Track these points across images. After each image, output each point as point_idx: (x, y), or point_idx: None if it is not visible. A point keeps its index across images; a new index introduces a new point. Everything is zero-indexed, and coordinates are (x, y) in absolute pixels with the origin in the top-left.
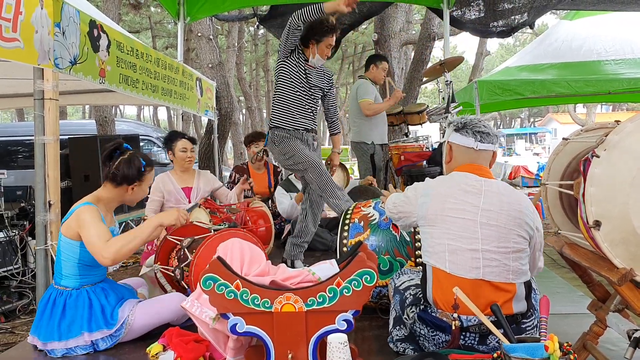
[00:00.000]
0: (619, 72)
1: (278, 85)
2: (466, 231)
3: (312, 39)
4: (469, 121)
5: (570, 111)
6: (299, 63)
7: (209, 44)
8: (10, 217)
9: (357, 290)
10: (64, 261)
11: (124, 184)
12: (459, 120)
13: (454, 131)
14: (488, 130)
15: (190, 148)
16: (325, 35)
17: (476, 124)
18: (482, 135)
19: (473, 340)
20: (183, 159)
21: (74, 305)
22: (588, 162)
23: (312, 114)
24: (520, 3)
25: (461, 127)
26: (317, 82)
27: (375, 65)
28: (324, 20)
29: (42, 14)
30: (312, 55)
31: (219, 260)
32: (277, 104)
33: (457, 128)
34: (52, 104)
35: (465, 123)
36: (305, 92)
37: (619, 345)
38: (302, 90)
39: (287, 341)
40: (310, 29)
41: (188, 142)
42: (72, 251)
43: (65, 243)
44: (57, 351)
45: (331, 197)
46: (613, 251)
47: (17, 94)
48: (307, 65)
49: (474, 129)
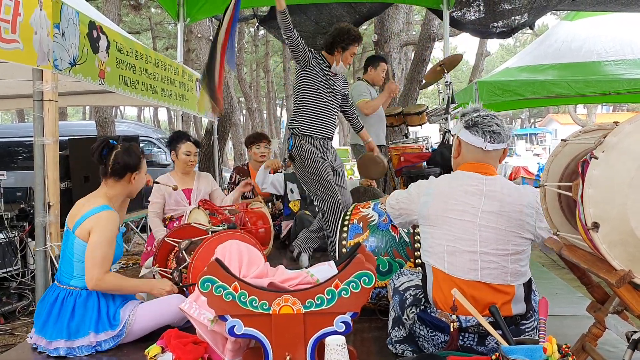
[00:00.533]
0: (619, 72)
1: (301, 91)
2: (465, 233)
3: (339, 47)
4: (481, 119)
5: (570, 112)
6: (321, 69)
7: (209, 45)
8: (10, 218)
9: (356, 292)
10: (76, 262)
11: (127, 174)
12: (471, 117)
13: (464, 128)
14: (499, 130)
15: (194, 152)
16: (351, 43)
17: (488, 122)
18: (493, 135)
19: (472, 341)
20: (186, 162)
21: (83, 306)
22: (586, 163)
23: (335, 121)
24: (520, 4)
25: (472, 124)
26: (340, 88)
27: (372, 67)
28: (351, 29)
29: (41, 15)
30: (336, 62)
31: (217, 262)
32: (301, 110)
33: (468, 125)
34: (51, 105)
35: (477, 122)
36: (329, 99)
37: (618, 347)
38: (326, 97)
39: (285, 343)
40: (337, 35)
41: (192, 145)
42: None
43: (79, 245)
44: (61, 350)
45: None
46: (611, 253)
47: (18, 95)
48: (329, 71)
49: (484, 129)
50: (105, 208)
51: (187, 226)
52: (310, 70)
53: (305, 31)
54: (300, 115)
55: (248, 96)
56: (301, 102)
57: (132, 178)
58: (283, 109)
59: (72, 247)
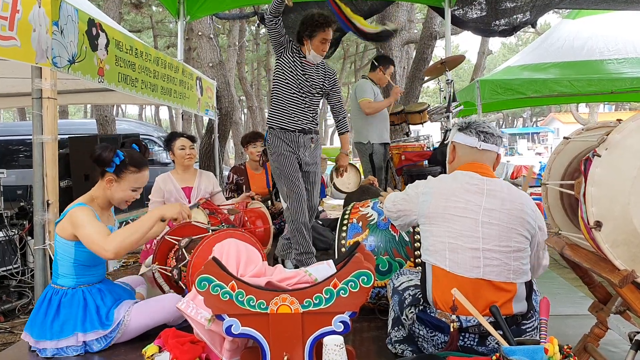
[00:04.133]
0: (622, 71)
1: (273, 83)
2: (467, 230)
3: (304, 35)
4: (473, 121)
5: (572, 111)
6: (294, 60)
7: (209, 43)
8: (9, 216)
9: (354, 291)
10: (60, 261)
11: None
12: (463, 121)
13: (457, 131)
14: (492, 131)
15: (189, 145)
16: (316, 29)
17: (480, 124)
18: (486, 135)
19: (472, 341)
20: (182, 156)
21: (68, 305)
22: (589, 161)
23: (310, 114)
24: (523, 2)
25: (465, 127)
26: (317, 80)
27: (383, 67)
28: (315, 15)
29: (39, 13)
30: (307, 51)
31: (214, 260)
32: (272, 103)
33: (461, 128)
34: (50, 103)
35: (469, 123)
36: (301, 90)
37: (620, 347)
38: (297, 88)
39: (283, 343)
40: (301, 24)
41: (186, 139)
42: (68, 251)
43: (61, 243)
44: (48, 350)
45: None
46: (614, 252)
47: (19, 93)
48: (305, 62)
49: (477, 129)
50: (78, 205)
51: (187, 224)
52: (284, 61)
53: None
54: (271, 107)
55: (249, 95)
56: (272, 93)
57: (109, 180)
58: None
59: (56, 245)
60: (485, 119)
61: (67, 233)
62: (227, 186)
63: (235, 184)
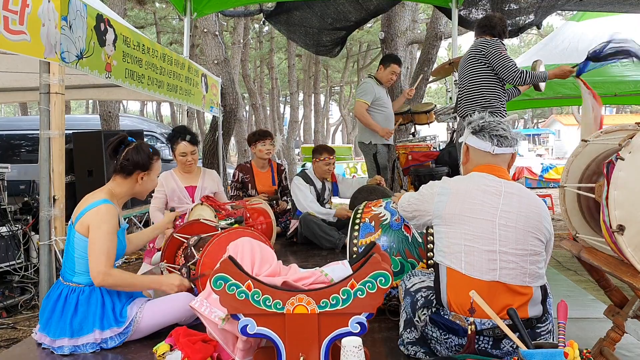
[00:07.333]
0: (626, 74)
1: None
2: (484, 232)
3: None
4: (487, 124)
5: (574, 113)
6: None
7: (214, 40)
8: (13, 211)
9: (371, 292)
10: (78, 258)
11: (136, 172)
12: (477, 123)
13: (471, 134)
14: (506, 134)
15: (190, 151)
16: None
17: (494, 127)
18: (500, 139)
19: (487, 344)
20: (183, 163)
21: (86, 303)
22: (611, 164)
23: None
24: (527, 3)
25: (478, 130)
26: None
27: (383, 65)
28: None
29: (49, 7)
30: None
31: (230, 259)
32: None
33: (474, 131)
34: (58, 98)
35: (483, 126)
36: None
37: (634, 352)
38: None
39: (299, 343)
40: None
41: (188, 145)
42: (87, 249)
43: (80, 240)
44: (65, 348)
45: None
46: (637, 256)
47: (22, 88)
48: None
49: (491, 133)
50: (104, 202)
51: (196, 222)
52: None
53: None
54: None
55: (252, 92)
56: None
57: (140, 178)
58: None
59: (73, 242)
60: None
61: (86, 230)
62: (232, 184)
63: (241, 182)
